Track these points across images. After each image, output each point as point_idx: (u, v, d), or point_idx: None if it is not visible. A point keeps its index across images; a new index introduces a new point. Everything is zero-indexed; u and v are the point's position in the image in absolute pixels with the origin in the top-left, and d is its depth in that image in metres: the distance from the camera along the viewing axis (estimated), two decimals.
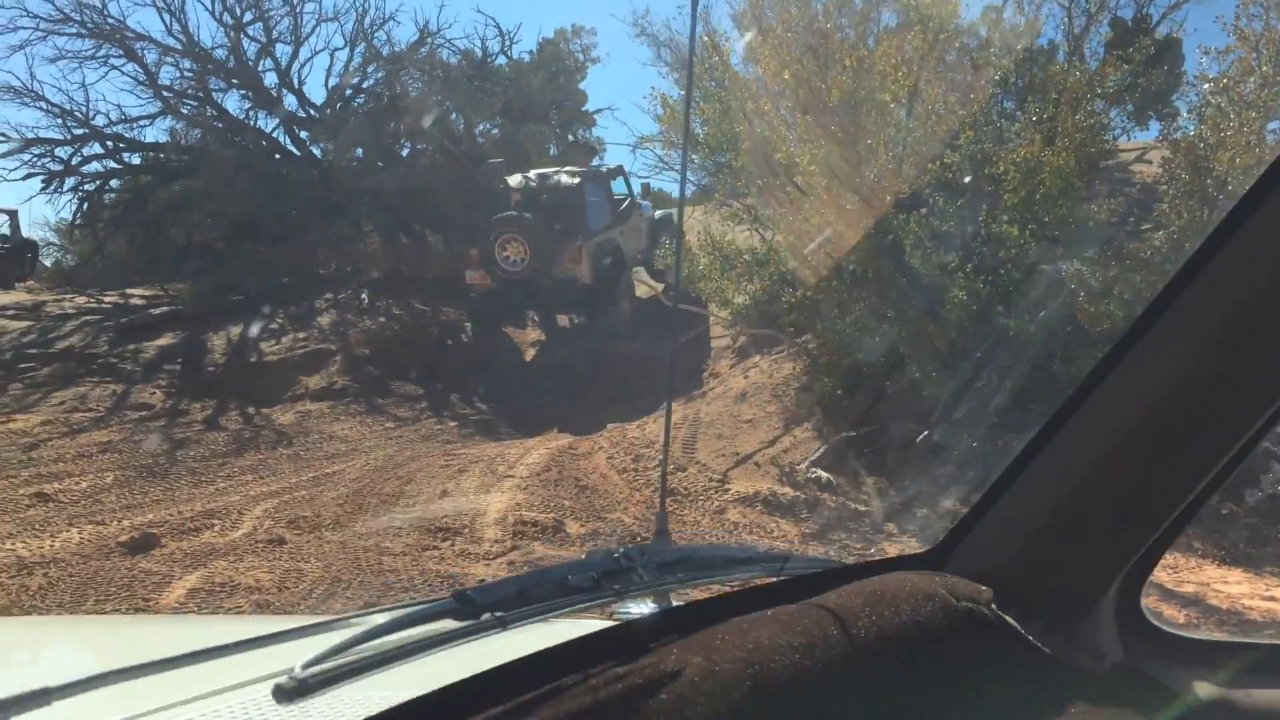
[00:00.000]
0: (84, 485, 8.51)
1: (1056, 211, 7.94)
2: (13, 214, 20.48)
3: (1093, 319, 7.52)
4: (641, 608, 1.43)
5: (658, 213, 16.18)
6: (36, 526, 7.34)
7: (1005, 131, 8.66)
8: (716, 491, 7.86)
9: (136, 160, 19.33)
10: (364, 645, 0.97)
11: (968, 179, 8.46)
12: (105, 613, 5.62)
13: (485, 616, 1.04)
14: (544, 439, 10.25)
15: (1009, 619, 1.18)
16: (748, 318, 9.09)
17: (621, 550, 1.24)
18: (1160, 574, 6.04)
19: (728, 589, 1.29)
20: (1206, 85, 7.42)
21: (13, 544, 6.90)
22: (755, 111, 8.24)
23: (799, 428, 8.89)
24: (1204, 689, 1.17)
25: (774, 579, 1.32)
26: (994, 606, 1.19)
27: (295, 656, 0.95)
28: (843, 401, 8.61)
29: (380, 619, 1.05)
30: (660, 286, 13.50)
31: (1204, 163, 7.30)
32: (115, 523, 7.44)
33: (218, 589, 5.92)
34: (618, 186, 15.15)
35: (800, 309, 8.51)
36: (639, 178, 16.21)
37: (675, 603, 1.41)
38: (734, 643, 1.02)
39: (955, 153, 8.26)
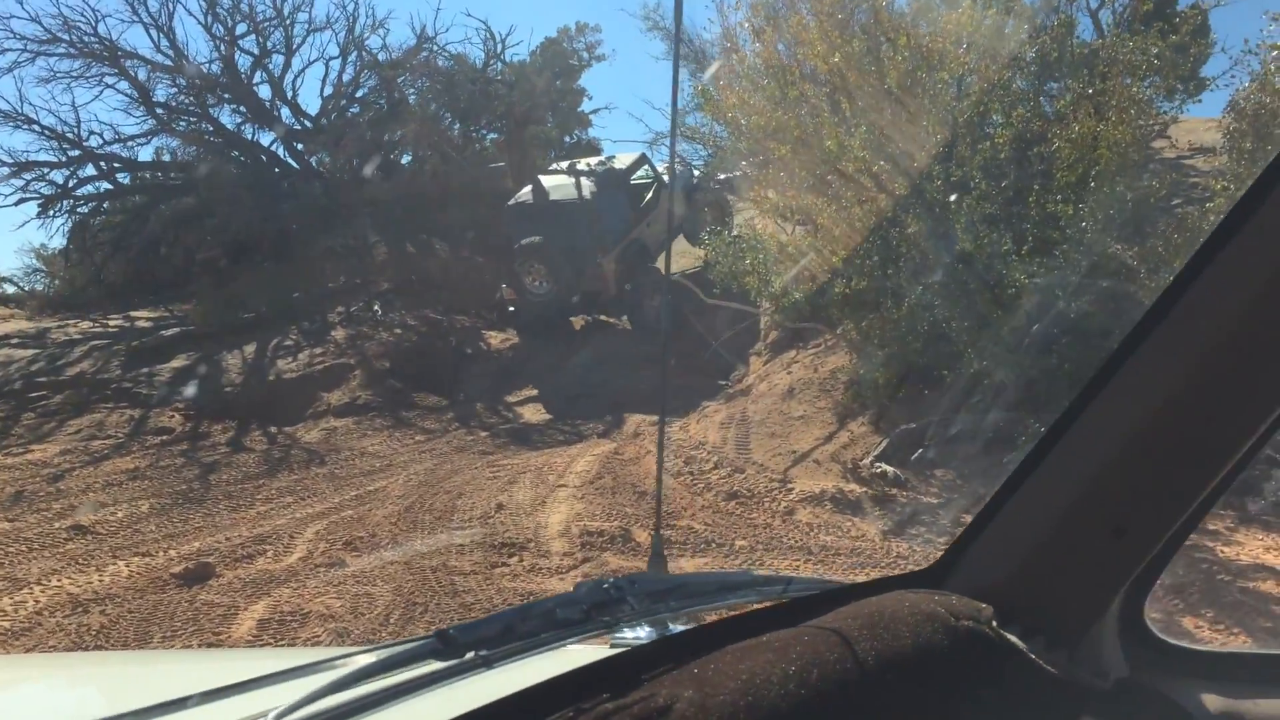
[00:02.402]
0: (120, 515, 8.20)
1: (1113, 189, 7.71)
2: None
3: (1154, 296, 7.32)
4: (639, 638, 1.38)
5: (696, 176, 15.71)
6: (80, 561, 7.03)
7: (1054, 107, 8.41)
8: (780, 492, 7.61)
9: (131, 180, 18.96)
10: (342, 693, 0.96)
11: (1012, 161, 8.24)
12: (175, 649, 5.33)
13: (469, 655, 1.05)
14: (586, 445, 9.99)
15: (1011, 637, 1.14)
16: (796, 311, 8.83)
17: (610, 581, 1.24)
18: (1268, 556, 5.83)
19: (726, 615, 1.24)
20: (1276, 52, 7.23)
21: (59, 580, 6.60)
22: (798, 97, 7.98)
23: (854, 422, 8.65)
24: (1211, 701, 1.16)
25: (772, 603, 1.29)
26: (995, 625, 1.16)
27: (269, 703, 0.95)
28: (899, 393, 8.37)
29: (363, 660, 1.05)
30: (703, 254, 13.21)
31: (1268, 130, 7.10)
32: (162, 553, 7.14)
33: (288, 618, 5.64)
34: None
35: (851, 300, 8.26)
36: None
37: (675, 629, 1.39)
38: (728, 672, 0.97)
39: (1005, 131, 8.02)
